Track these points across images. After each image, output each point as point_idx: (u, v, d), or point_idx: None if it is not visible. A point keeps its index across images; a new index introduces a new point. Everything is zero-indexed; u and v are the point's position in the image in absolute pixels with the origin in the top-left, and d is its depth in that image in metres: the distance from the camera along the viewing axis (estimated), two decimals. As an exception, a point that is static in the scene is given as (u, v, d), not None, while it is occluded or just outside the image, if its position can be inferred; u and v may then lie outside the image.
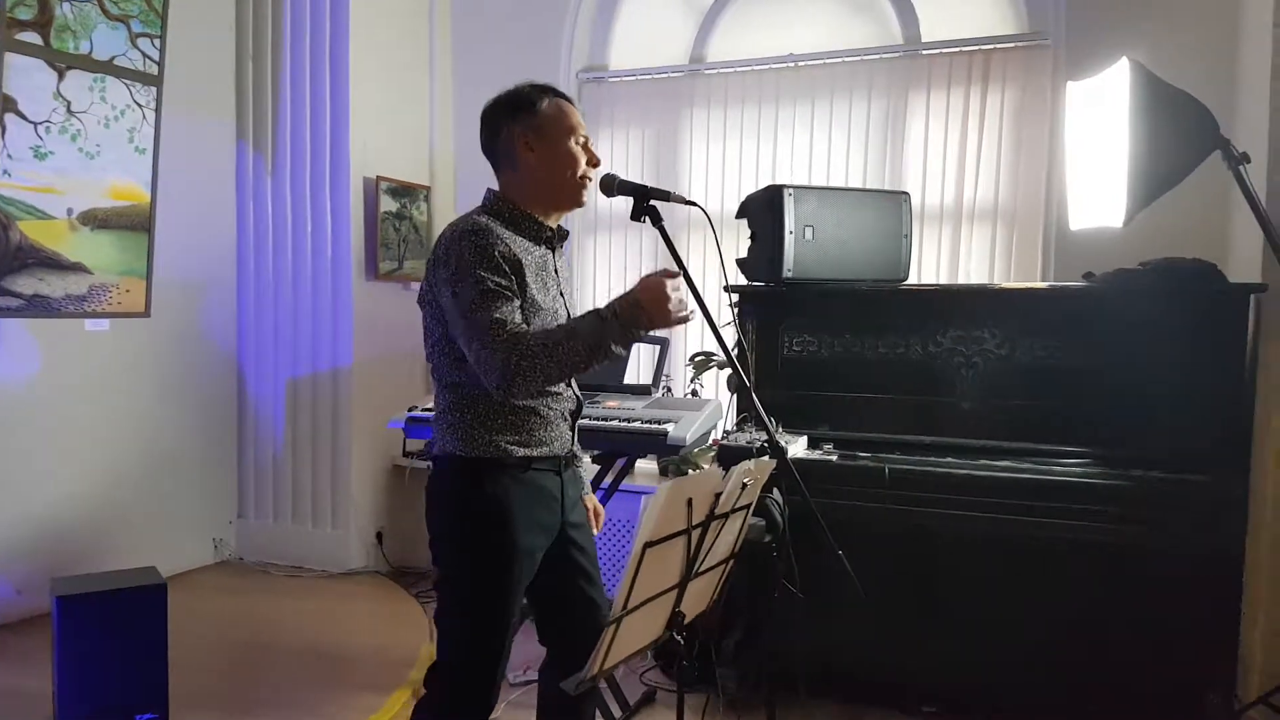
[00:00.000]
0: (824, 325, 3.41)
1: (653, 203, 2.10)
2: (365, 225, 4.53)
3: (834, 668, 3.08)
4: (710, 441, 3.54)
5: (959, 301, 3.30)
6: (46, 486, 3.89)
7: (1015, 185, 4.03)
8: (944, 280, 4.12)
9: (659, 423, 3.01)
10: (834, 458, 3.11)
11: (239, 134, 4.62)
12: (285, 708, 3.09)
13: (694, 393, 4.23)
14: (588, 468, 3.52)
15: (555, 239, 2.09)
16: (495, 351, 1.80)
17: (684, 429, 2.96)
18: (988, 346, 3.21)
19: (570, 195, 2.07)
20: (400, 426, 3.32)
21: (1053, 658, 2.91)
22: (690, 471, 4.08)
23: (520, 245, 1.97)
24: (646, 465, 4.17)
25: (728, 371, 4.12)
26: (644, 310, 1.82)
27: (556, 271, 2.08)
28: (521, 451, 1.95)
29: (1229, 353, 2.90)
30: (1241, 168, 2.65)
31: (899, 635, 2.99)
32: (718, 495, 1.73)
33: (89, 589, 2.86)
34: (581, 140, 2.07)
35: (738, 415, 3.53)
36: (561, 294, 2.07)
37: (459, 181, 4.99)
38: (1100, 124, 2.83)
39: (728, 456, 3.09)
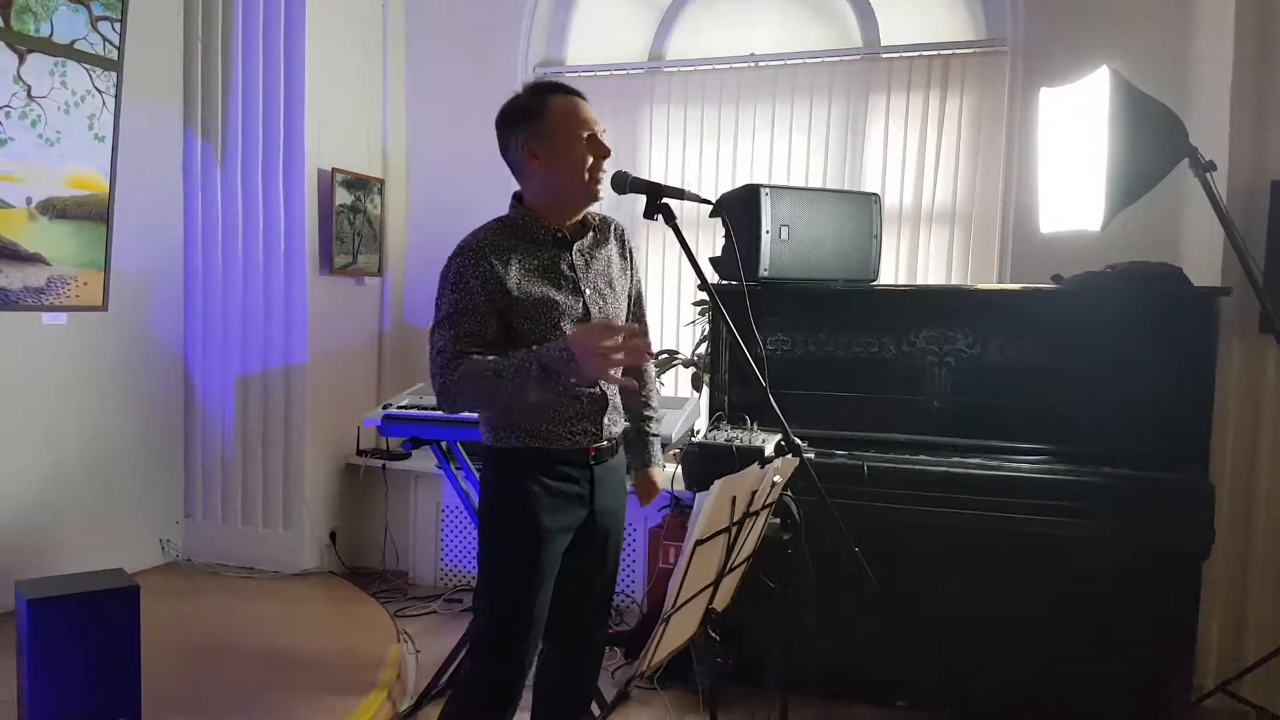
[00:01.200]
0: (799, 324, 3.47)
1: (665, 200, 2.12)
2: (320, 218, 4.41)
3: (804, 662, 3.13)
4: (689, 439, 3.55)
5: (932, 302, 3.39)
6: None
7: (973, 188, 4.15)
8: (903, 281, 4.22)
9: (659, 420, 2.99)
10: (811, 455, 3.13)
11: (186, 123, 4.44)
12: (257, 713, 3.00)
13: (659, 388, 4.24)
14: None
15: (569, 239, 2.09)
16: (435, 371, 1.97)
17: (668, 427, 2.97)
18: (960, 346, 3.31)
19: (583, 195, 2.10)
20: (375, 424, 3.25)
21: (1021, 651, 3.01)
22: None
23: (523, 252, 2.04)
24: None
25: (691, 371, 4.15)
26: (573, 363, 1.84)
27: (572, 268, 2.08)
28: (537, 445, 2.03)
29: (1195, 354, 3.03)
30: (1208, 175, 2.79)
31: (874, 630, 3.05)
32: (753, 493, 1.75)
33: (60, 591, 2.74)
34: (588, 135, 2.08)
35: (711, 414, 3.56)
36: (583, 288, 2.08)
37: (411, 174, 4.90)
38: (1077, 130, 2.93)
39: (707, 456, 3.12)
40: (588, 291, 2.09)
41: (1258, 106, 3.25)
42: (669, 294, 4.56)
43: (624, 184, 2.11)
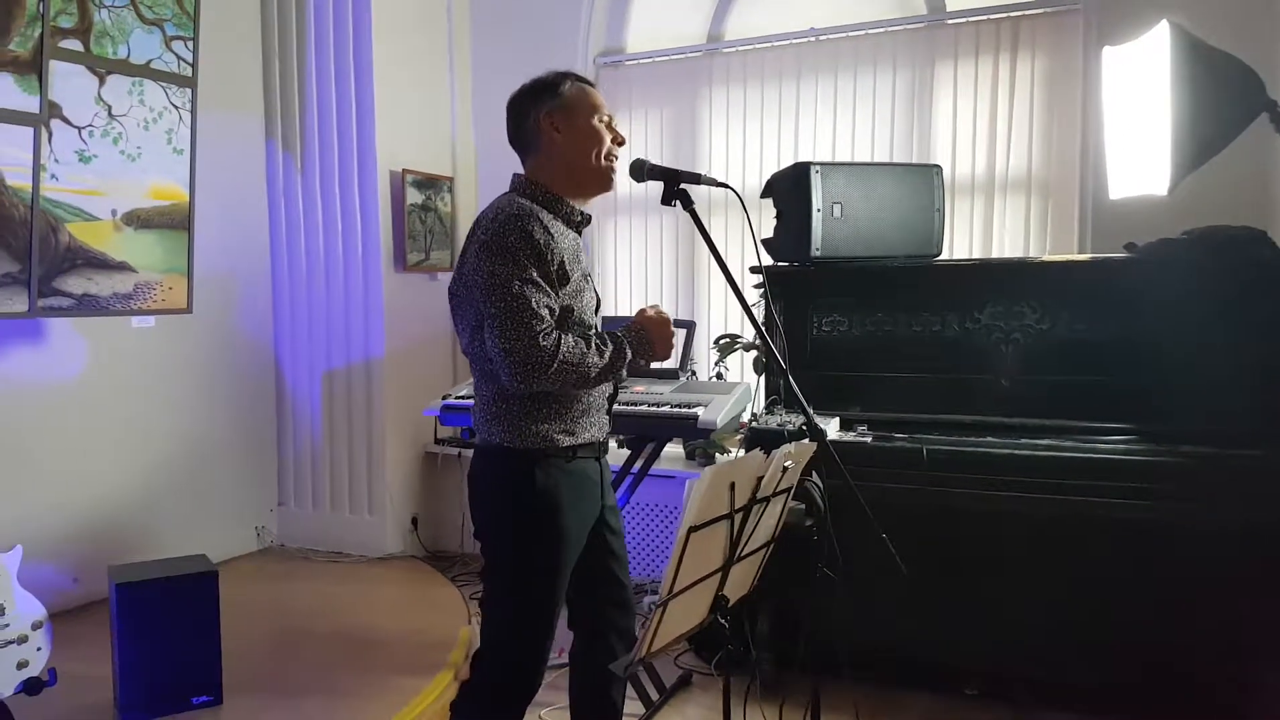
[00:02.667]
0: (855, 304, 3.39)
1: (683, 186, 2.11)
2: (393, 218, 4.55)
3: (874, 649, 3.08)
4: (739, 425, 3.53)
5: (996, 276, 3.26)
6: (97, 478, 3.98)
7: (1049, 155, 3.97)
8: (978, 254, 4.08)
9: (688, 406, 3.00)
10: (869, 439, 3.08)
11: (268, 132, 4.65)
12: (329, 691, 3.14)
13: (719, 376, 4.23)
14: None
15: (584, 224, 2.11)
16: (532, 345, 1.82)
17: (714, 412, 2.95)
18: (1027, 321, 3.17)
19: (598, 176, 2.09)
20: (435, 414, 3.35)
21: (1097, 639, 2.87)
22: (718, 455, 4.08)
23: (557, 229, 1.99)
24: (672, 449, 4.16)
25: (754, 354, 4.11)
26: (654, 348, 2.03)
27: (586, 251, 2.10)
28: (568, 440, 1.98)
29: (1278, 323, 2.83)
30: (1290, 131, 2.60)
31: (940, 617, 2.96)
32: (759, 479, 1.74)
33: (145, 576, 2.93)
34: (605, 119, 2.09)
35: (767, 398, 3.53)
36: (588, 276, 2.09)
37: (480, 172, 5.00)
38: (1140, 90, 2.78)
39: (759, 440, 3.08)
40: (591, 280, 2.12)
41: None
42: (735, 276, 4.51)
43: (642, 171, 2.11)
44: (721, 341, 4.10)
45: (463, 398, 3.29)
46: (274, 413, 4.82)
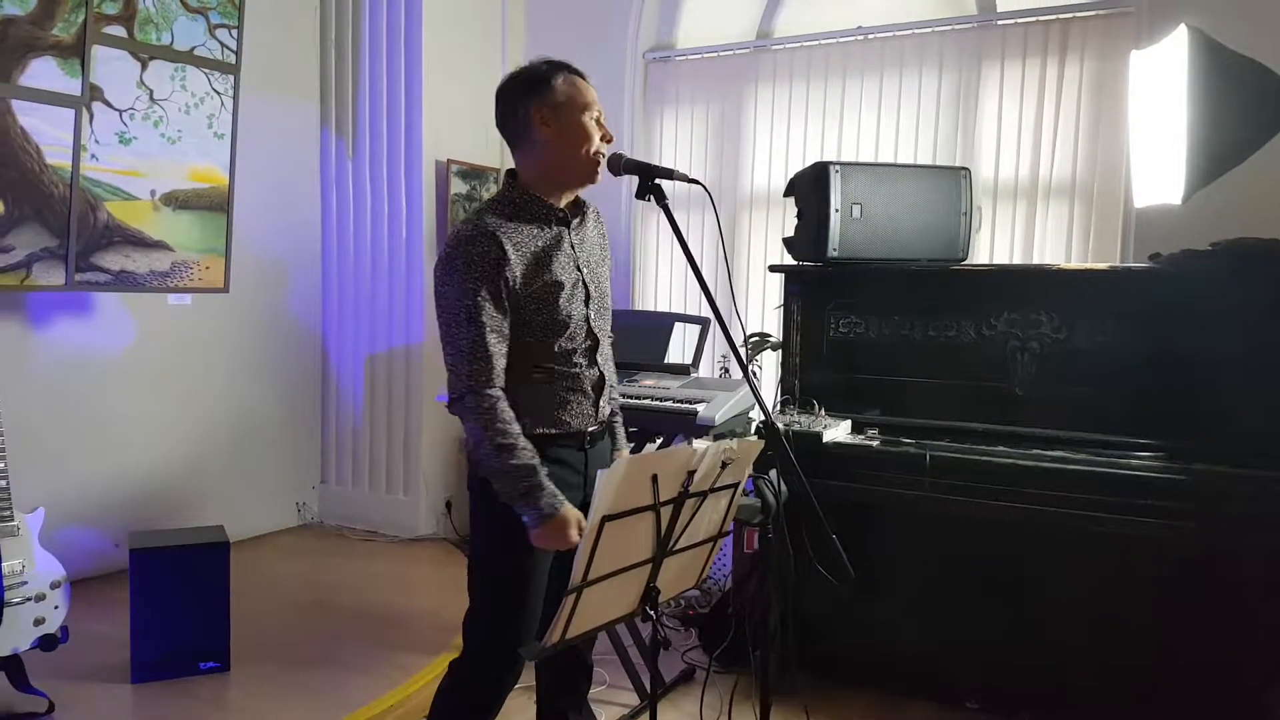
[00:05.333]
0: (872, 306, 3.33)
1: (658, 181, 2.11)
2: (437, 207, 4.66)
3: (874, 656, 3.04)
4: (751, 424, 3.51)
5: (1015, 283, 3.17)
6: (141, 449, 4.18)
7: (1094, 161, 3.84)
8: (1019, 260, 3.97)
9: (691, 402, 3.01)
10: (875, 443, 3.04)
11: (323, 119, 4.82)
12: (337, 665, 3.25)
13: (752, 373, 4.20)
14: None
15: (569, 217, 2.10)
16: (462, 381, 1.93)
17: (714, 409, 2.95)
18: (1044, 330, 3.07)
19: (584, 171, 2.08)
20: (445, 400, 3.41)
21: (1105, 658, 2.78)
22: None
23: (525, 234, 2.00)
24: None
25: (780, 353, 4.08)
26: (538, 529, 1.91)
27: (574, 246, 2.09)
28: (540, 430, 2.00)
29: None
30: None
31: (945, 627, 2.93)
32: (691, 473, 1.73)
33: (160, 544, 3.08)
34: (595, 116, 2.08)
35: (781, 397, 3.50)
36: (580, 268, 2.07)
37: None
38: (1161, 95, 2.67)
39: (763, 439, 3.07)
40: (585, 271, 2.09)
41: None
42: (771, 276, 4.49)
43: (619, 165, 2.11)
44: (753, 340, 4.08)
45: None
46: (319, 392, 4.99)
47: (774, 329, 4.33)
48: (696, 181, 2.14)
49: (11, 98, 3.28)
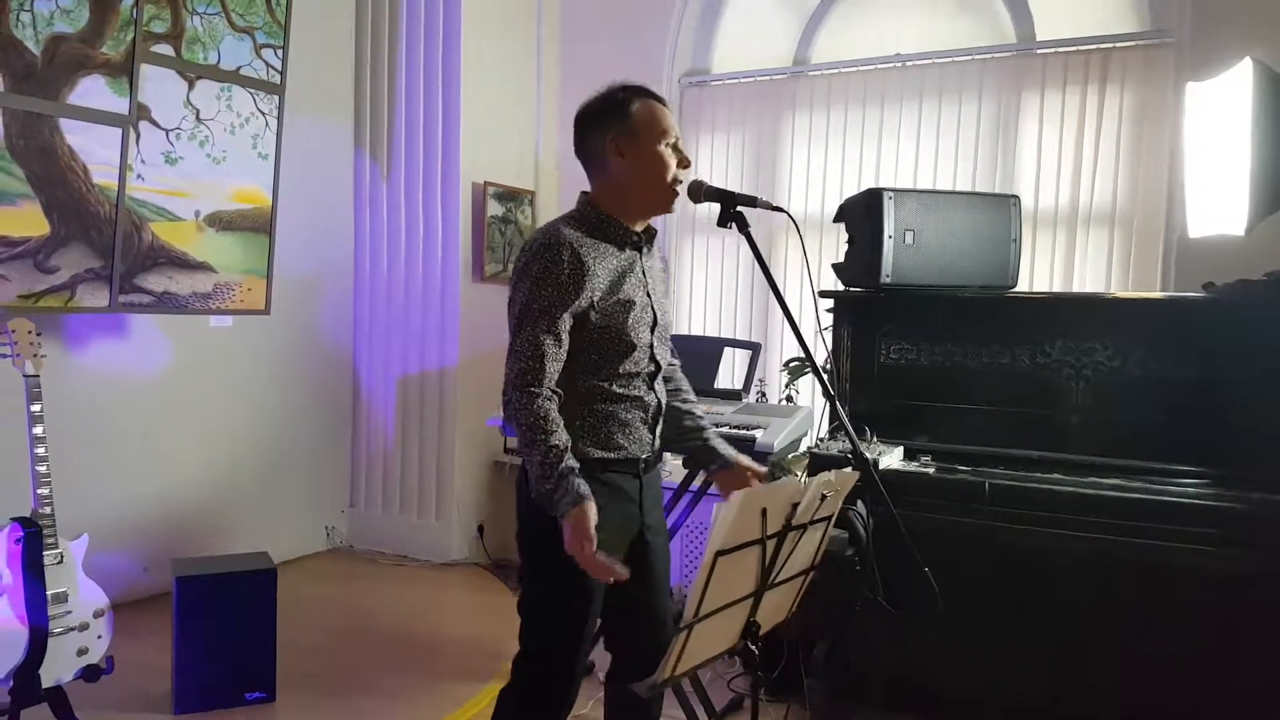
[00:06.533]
0: (924, 333, 3.33)
1: (740, 209, 2.11)
2: (473, 229, 4.66)
3: (918, 683, 3.01)
4: (803, 450, 3.50)
5: (1069, 310, 3.17)
6: (172, 472, 4.14)
7: (1134, 190, 3.85)
8: (1058, 288, 3.97)
9: (747, 429, 2.99)
10: (930, 470, 3.03)
11: (356, 140, 4.82)
12: (382, 694, 3.21)
13: (789, 398, 4.20)
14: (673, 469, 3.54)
15: (643, 241, 2.10)
16: (514, 379, 1.91)
17: (772, 435, 2.93)
18: (1099, 358, 3.08)
19: (660, 200, 2.07)
20: (499, 424, 3.40)
21: (1154, 687, 2.76)
22: (780, 478, 4.05)
23: (602, 251, 2.00)
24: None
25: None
26: (568, 529, 1.84)
27: (644, 272, 2.08)
28: (598, 454, 1.98)
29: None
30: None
31: (988, 654, 2.89)
32: (795, 505, 1.72)
33: (206, 571, 3.03)
34: (672, 142, 2.07)
35: (830, 423, 3.48)
36: (649, 294, 2.08)
37: (563, 186, 5.08)
38: (1222, 127, 2.69)
39: (819, 465, 3.05)
40: (652, 297, 2.09)
41: None
42: (808, 299, 4.48)
43: (699, 192, 2.11)
44: (792, 364, 4.07)
45: (524, 409, 3.33)
46: (350, 415, 4.96)
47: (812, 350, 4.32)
48: (780, 209, 2.13)
49: (61, 116, 3.27)
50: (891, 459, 3.09)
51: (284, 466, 4.61)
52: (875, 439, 3.20)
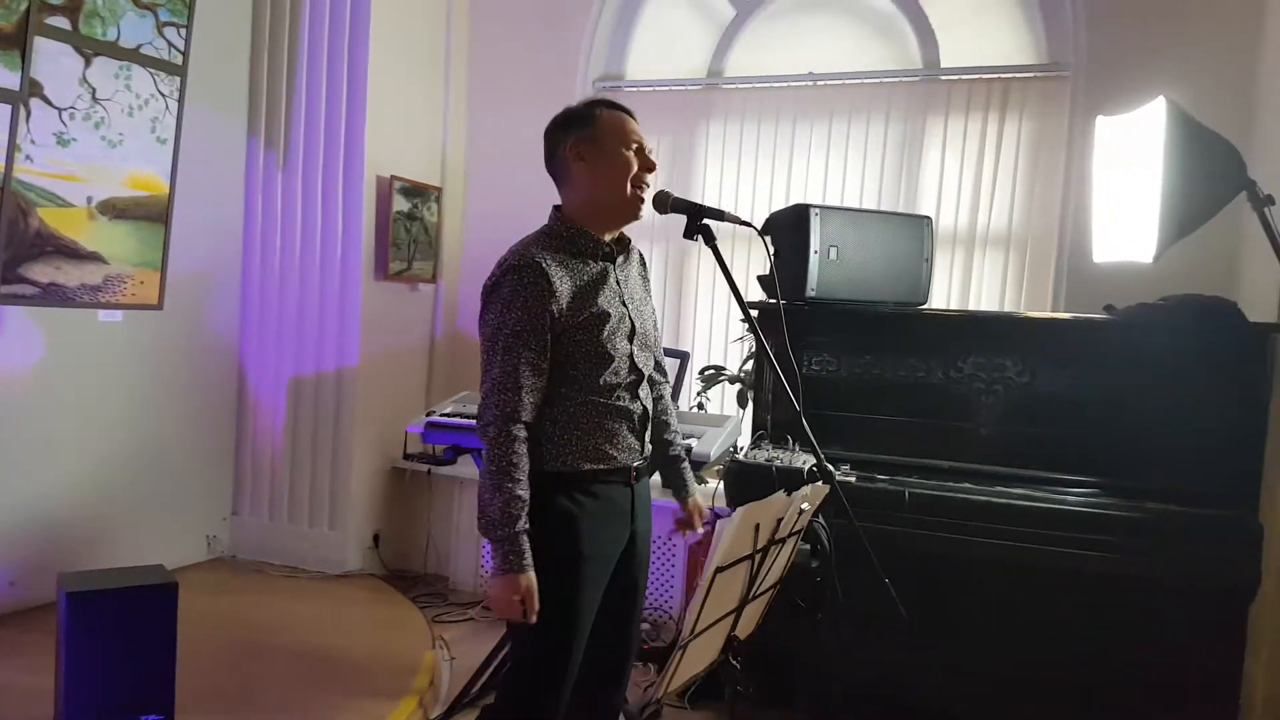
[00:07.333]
0: (844, 346, 3.43)
1: (706, 222, 2.11)
2: (377, 224, 4.49)
3: (846, 688, 3.08)
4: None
5: (982, 328, 3.32)
6: (45, 477, 3.82)
7: (1029, 214, 4.07)
8: (955, 305, 4.15)
9: (683, 437, 2.99)
10: (852, 479, 3.11)
11: (250, 128, 4.56)
12: (291, 714, 3.05)
13: (700, 407, 4.23)
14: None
15: (615, 252, 2.09)
16: (492, 412, 1.92)
17: (708, 445, 2.95)
18: (1009, 374, 3.24)
19: (625, 204, 2.08)
20: (418, 430, 3.29)
21: (1062, 686, 2.93)
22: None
23: (571, 268, 2.00)
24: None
25: (737, 387, 4.13)
26: (494, 581, 1.89)
27: (619, 282, 2.08)
28: (588, 466, 1.98)
29: (1246, 390, 2.95)
30: (1266, 210, 2.70)
31: (910, 658, 2.98)
32: (779, 520, 1.73)
33: (99, 586, 2.80)
34: (635, 148, 2.07)
35: (753, 432, 3.53)
36: (625, 303, 2.07)
37: (469, 183, 4.97)
38: (1132, 160, 2.86)
39: (747, 474, 3.10)
40: (629, 307, 2.08)
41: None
42: (719, 309, 4.54)
43: (666, 203, 2.11)
44: (707, 373, 4.10)
45: (448, 415, 3.24)
46: (234, 418, 4.69)
47: (719, 360, 4.38)
48: (747, 223, 2.16)
49: (-59, 89, 2.97)
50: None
51: (164, 472, 4.31)
52: (798, 448, 3.26)
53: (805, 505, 1.83)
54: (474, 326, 4.83)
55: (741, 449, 3.60)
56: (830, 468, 2.03)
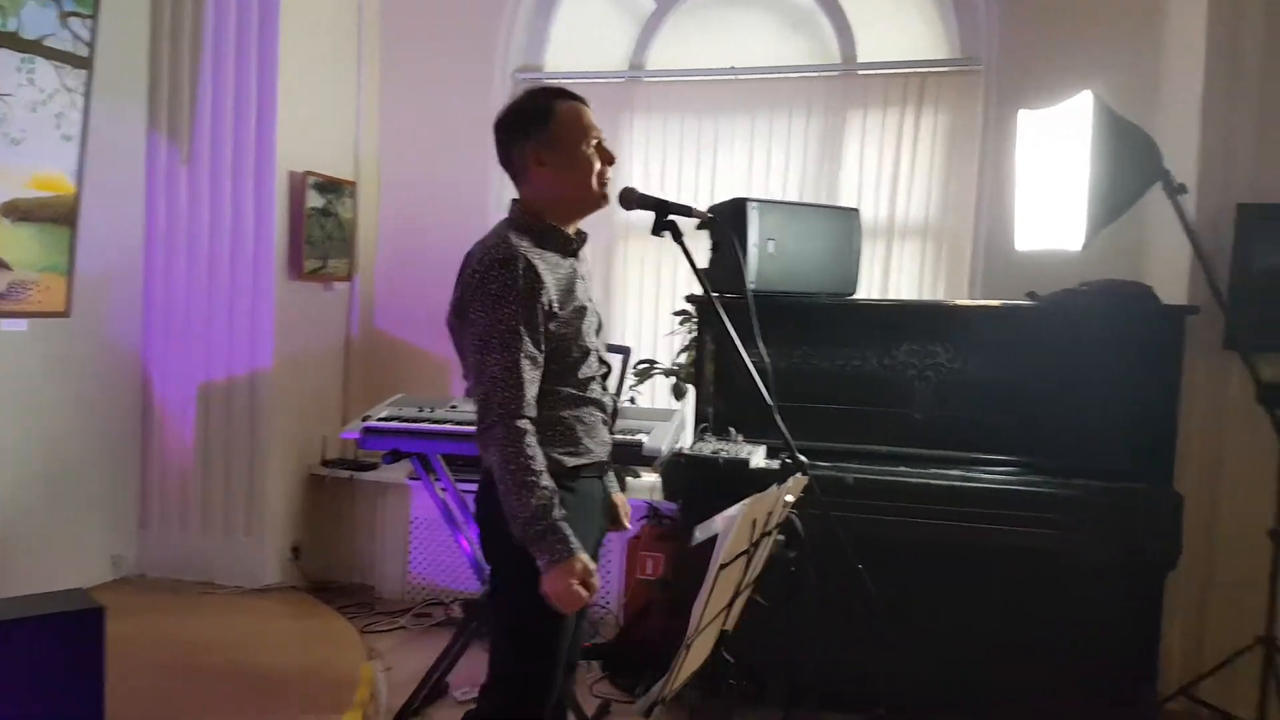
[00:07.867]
0: (781, 337, 3.46)
1: (672, 217, 2.10)
2: (290, 221, 4.31)
3: (788, 671, 3.14)
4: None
5: (914, 317, 3.43)
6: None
7: (945, 205, 4.20)
8: (877, 294, 4.25)
9: (631, 433, 2.98)
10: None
11: (151, 121, 4.30)
12: (230, 736, 2.91)
13: (631, 400, 4.22)
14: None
15: (579, 246, 2.07)
16: (496, 405, 1.84)
17: (658, 439, 2.95)
18: (940, 360, 3.34)
19: (590, 201, 2.05)
20: (354, 437, 3.17)
21: (992, 660, 3.05)
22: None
23: (550, 261, 1.96)
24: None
25: (671, 381, 4.13)
26: (551, 574, 1.81)
27: (584, 277, 2.06)
28: (572, 461, 1.95)
29: (1162, 370, 3.12)
30: (1177, 198, 2.87)
31: (848, 640, 3.02)
32: (769, 514, 1.74)
33: (18, 614, 2.61)
34: (595, 142, 2.05)
35: (696, 425, 3.54)
36: (589, 298, 2.06)
37: (383, 178, 4.82)
38: (1057, 152, 2.99)
39: (695, 468, 3.10)
40: (592, 301, 2.07)
41: (1226, 131, 3.33)
42: (647, 303, 4.53)
43: (632, 200, 2.08)
44: (640, 366, 4.09)
45: (385, 419, 3.13)
46: (139, 427, 4.43)
47: (651, 353, 4.36)
48: (711, 218, 2.16)
49: None
50: (758, 458, 3.19)
51: (64, 488, 4.04)
52: (741, 439, 3.29)
53: (789, 497, 1.84)
54: (393, 325, 4.77)
55: (680, 443, 3.61)
56: (804, 459, 2.04)
